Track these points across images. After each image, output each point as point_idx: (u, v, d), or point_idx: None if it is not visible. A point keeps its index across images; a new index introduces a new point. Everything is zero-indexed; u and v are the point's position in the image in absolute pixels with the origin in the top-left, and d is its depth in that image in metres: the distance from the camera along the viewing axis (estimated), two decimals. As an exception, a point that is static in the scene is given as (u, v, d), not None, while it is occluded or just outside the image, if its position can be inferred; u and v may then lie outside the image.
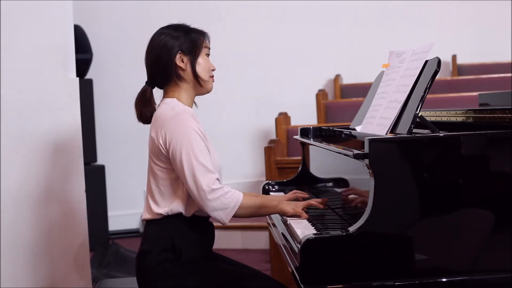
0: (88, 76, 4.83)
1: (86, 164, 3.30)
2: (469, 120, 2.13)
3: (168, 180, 2.03)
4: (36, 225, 2.88)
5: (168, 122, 1.99)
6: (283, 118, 4.44)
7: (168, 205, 2.02)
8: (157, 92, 2.16)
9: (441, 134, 1.76)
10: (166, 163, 2.02)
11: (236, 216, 1.99)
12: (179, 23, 2.15)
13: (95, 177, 4.57)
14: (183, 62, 2.08)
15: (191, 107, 2.14)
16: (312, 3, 5.63)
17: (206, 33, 2.16)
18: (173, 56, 2.07)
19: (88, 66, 4.76)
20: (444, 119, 2.28)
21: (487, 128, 1.87)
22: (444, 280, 1.65)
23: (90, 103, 4.63)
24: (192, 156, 1.95)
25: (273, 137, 4.59)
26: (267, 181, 2.74)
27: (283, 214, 2.10)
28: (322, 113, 4.99)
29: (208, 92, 2.16)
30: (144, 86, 2.14)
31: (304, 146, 2.71)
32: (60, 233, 2.93)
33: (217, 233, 2.17)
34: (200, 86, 2.12)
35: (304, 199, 2.24)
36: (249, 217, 2.06)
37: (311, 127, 2.71)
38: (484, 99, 2.67)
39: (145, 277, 2.03)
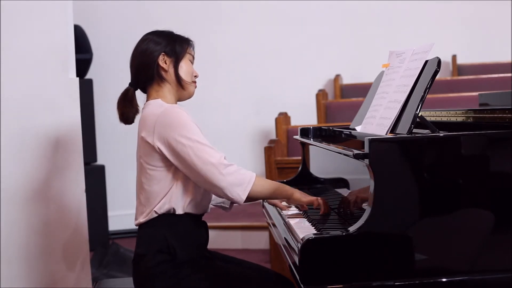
0: (88, 76, 4.83)
1: (86, 164, 3.30)
2: (469, 120, 2.13)
3: (163, 179, 2.01)
4: (36, 225, 2.88)
5: (160, 119, 1.99)
6: (283, 118, 4.45)
7: (161, 202, 2.01)
8: (141, 97, 2.16)
9: (441, 134, 1.75)
10: (161, 161, 2.00)
11: (251, 194, 1.97)
12: (165, 29, 2.16)
13: (95, 177, 4.57)
14: (166, 63, 2.09)
15: None
16: (312, 3, 5.63)
17: (191, 41, 2.16)
18: (156, 57, 2.08)
19: (88, 66, 4.76)
20: (444, 119, 2.28)
21: (487, 128, 1.87)
22: (444, 280, 1.64)
23: (90, 103, 4.64)
24: (194, 140, 1.94)
25: (273, 137, 4.59)
26: (267, 181, 2.73)
27: (296, 201, 2.09)
28: (322, 113, 4.99)
29: (190, 96, 2.16)
30: (127, 87, 2.15)
31: (304, 146, 2.71)
32: (60, 233, 2.93)
33: (216, 233, 2.17)
34: (182, 88, 2.11)
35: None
36: (262, 198, 2.06)
37: (311, 127, 2.71)
38: (484, 99, 2.67)
39: (142, 280, 2.02)
